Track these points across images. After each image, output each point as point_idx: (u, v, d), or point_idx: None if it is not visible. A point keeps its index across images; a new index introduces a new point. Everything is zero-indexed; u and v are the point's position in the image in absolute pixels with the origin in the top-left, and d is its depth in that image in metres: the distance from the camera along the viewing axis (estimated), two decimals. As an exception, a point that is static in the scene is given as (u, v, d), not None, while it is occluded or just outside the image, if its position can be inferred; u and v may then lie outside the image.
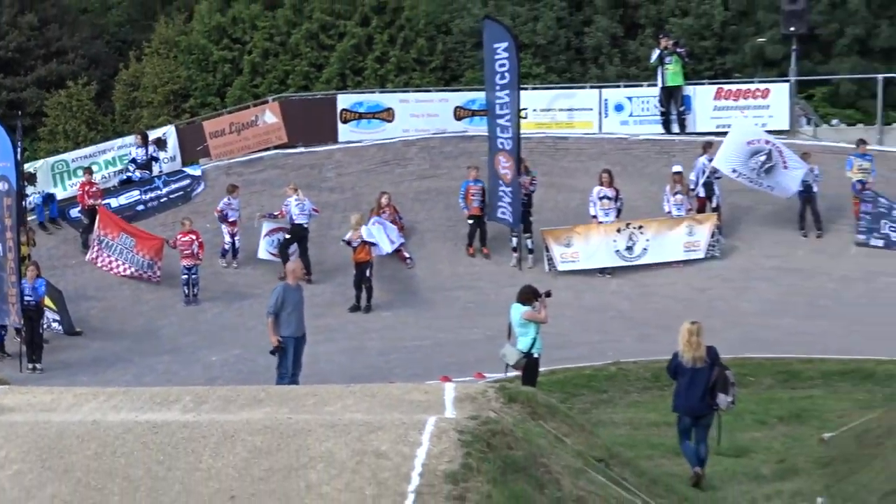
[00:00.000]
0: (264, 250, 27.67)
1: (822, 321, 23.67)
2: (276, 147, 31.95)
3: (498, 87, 27.84)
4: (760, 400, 19.02)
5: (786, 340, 22.13)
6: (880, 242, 26.51)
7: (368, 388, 13.68)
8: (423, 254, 28.37)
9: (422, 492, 10.14)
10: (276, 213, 27.32)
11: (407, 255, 27.45)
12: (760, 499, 14.81)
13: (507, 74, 27.66)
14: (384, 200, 27.33)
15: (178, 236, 26.02)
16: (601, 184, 26.85)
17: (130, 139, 31.81)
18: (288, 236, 26.85)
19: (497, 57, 27.62)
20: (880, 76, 32.17)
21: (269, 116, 32.09)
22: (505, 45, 27.57)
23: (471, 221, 27.62)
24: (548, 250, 26.97)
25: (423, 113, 32.16)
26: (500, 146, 27.47)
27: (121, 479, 9.71)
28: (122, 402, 11.79)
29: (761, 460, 16.75)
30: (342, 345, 23.45)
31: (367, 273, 25.15)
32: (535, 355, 16.57)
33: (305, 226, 26.68)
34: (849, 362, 20.95)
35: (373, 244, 25.52)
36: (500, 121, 27.61)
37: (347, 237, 25.28)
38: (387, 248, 26.09)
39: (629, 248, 26.55)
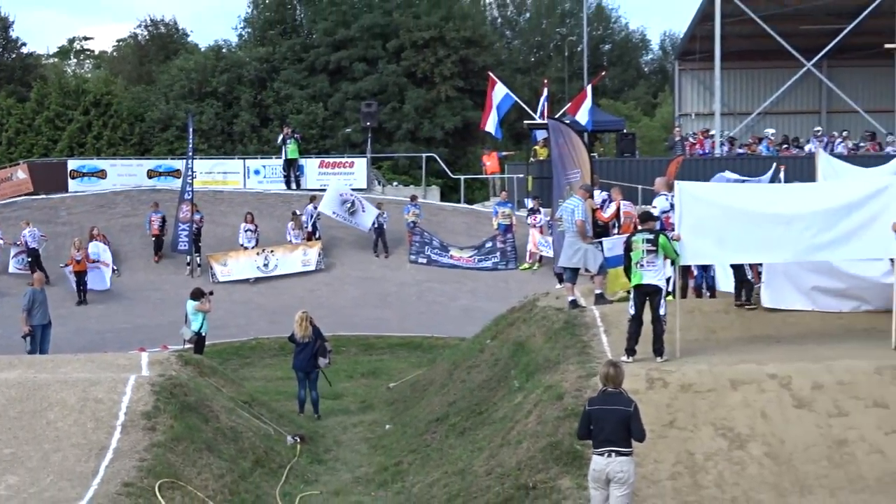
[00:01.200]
0: (13, 267, 35.20)
1: (388, 311, 31.14)
2: (25, 195, 41.23)
3: (188, 157, 36.47)
4: (349, 362, 25.01)
5: (365, 324, 28.83)
6: (424, 261, 34.73)
7: (90, 356, 18.55)
8: (126, 266, 36.04)
9: (126, 425, 14.38)
10: (17, 241, 34.56)
11: (115, 267, 34.68)
12: (349, 426, 19.81)
13: (188, 148, 37.22)
14: (95, 231, 34.94)
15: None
16: (245, 221, 35.43)
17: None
18: (29, 258, 33.64)
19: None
20: (424, 155, 43.07)
21: (20, 174, 42.40)
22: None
23: (154, 239, 36.16)
24: (211, 267, 34.18)
25: (126, 173, 42.37)
26: (186, 196, 34.84)
27: None
28: None
29: (350, 401, 22.03)
30: (71, 327, 28.44)
31: (85, 278, 32.45)
32: (203, 334, 21.22)
33: (37, 248, 33.83)
34: (405, 338, 27.68)
35: (97, 259, 33.16)
36: (187, 179, 35.55)
37: (75, 255, 32.32)
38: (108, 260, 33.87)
39: (265, 265, 34.12)
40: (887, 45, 39.46)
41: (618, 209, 20.55)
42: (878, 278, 17.08)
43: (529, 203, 33.74)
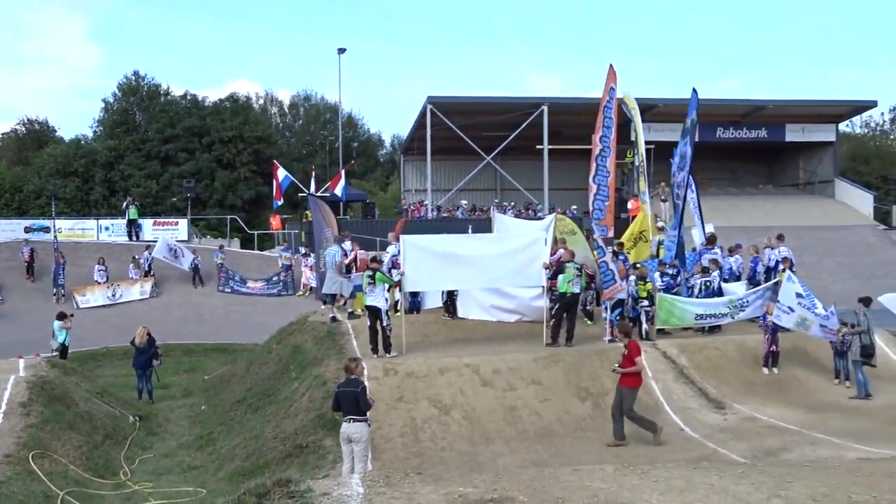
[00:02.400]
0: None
1: (203, 326, 30.81)
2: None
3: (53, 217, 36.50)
4: (175, 362, 25.03)
5: (186, 336, 28.88)
6: (229, 290, 34.81)
7: (-19, 362, 18.36)
8: (8, 296, 33.70)
9: (7, 412, 14.77)
10: None
11: (1, 297, 33.53)
12: (175, 407, 20.09)
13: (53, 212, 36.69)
14: None
15: None
16: (98, 264, 34.42)
17: None
18: None
19: None
20: (228, 217, 44.56)
21: None
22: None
23: (26, 264, 34.82)
24: (73, 296, 32.95)
25: (8, 230, 39.01)
26: (55, 246, 34.07)
27: None
28: None
29: (175, 390, 22.17)
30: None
31: None
32: (66, 345, 21.46)
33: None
34: (216, 344, 28.07)
35: None
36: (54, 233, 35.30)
37: None
38: None
39: (113, 295, 33.68)
40: (537, 146, 44.15)
41: (356, 255, 21.55)
42: (533, 299, 19.04)
43: (303, 250, 35.18)
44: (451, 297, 19.98)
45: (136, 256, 35.67)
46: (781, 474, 6.88)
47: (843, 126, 54.09)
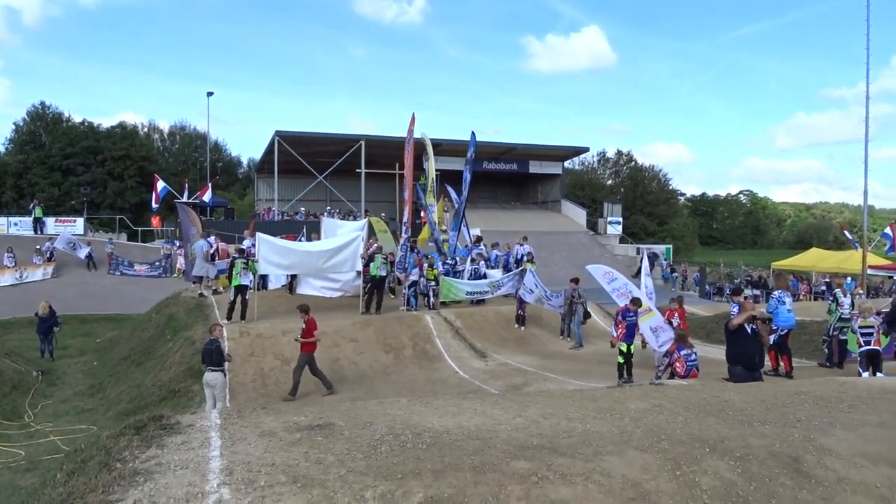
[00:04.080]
0: None
1: (96, 301, 27.98)
2: None
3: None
4: (73, 329, 22.93)
5: (83, 308, 26.39)
6: (119, 273, 32.22)
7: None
8: None
9: None
10: None
11: None
12: (72, 364, 18.68)
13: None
14: None
15: None
16: (7, 252, 30.88)
17: None
18: None
19: None
20: (117, 216, 40.89)
21: None
22: None
23: None
24: None
25: None
26: None
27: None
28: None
29: (72, 350, 20.60)
30: None
31: None
32: None
33: None
34: (107, 314, 25.96)
35: None
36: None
37: None
38: None
39: (21, 277, 30.37)
40: (357, 170, 43.71)
41: (217, 247, 20.35)
42: (352, 280, 18.95)
43: (178, 243, 33.12)
44: (291, 279, 19.56)
45: (40, 246, 32.54)
46: (522, 401, 7.16)
47: (567, 163, 56.90)
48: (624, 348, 13.33)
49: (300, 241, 21.29)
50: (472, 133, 21.79)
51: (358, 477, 4.67)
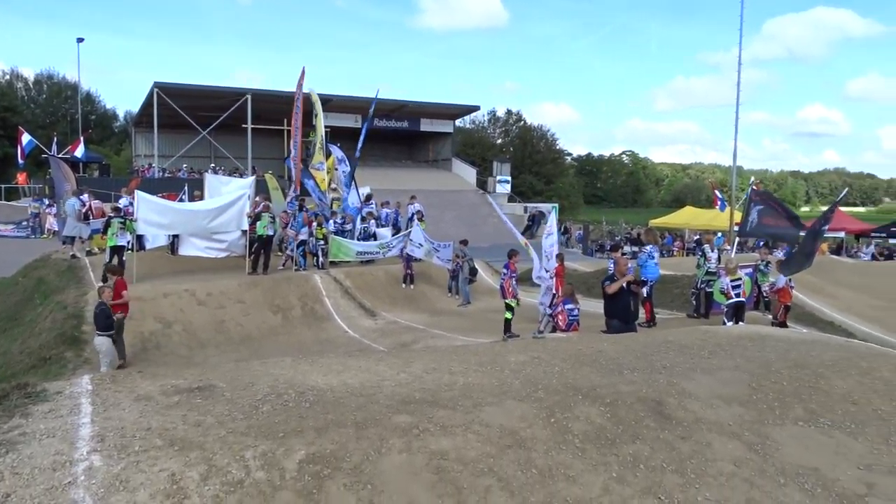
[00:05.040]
0: None
1: None
2: None
3: None
4: None
5: None
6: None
7: None
8: None
9: None
10: None
11: None
12: None
13: None
14: None
15: None
16: None
17: None
18: None
19: None
20: None
21: None
22: None
23: None
24: None
25: None
26: None
27: None
28: None
29: None
30: None
31: None
32: None
33: None
34: None
35: None
36: None
37: None
38: None
39: None
40: (243, 125, 41.99)
41: (90, 206, 19.27)
42: (238, 240, 18.45)
43: (47, 201, 31.71)
44: (173, 240, 18.77)
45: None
46: (407, 356, 7.27)
47: (458, 122, 57.20)
48: (513, 304, 13.73)
49: (182, 199, 20.43)
50: (377, 91, 21.47)
51: (238, 437, 4.63)
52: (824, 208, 33.56)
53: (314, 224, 18.96)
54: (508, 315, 13.73)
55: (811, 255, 14.51)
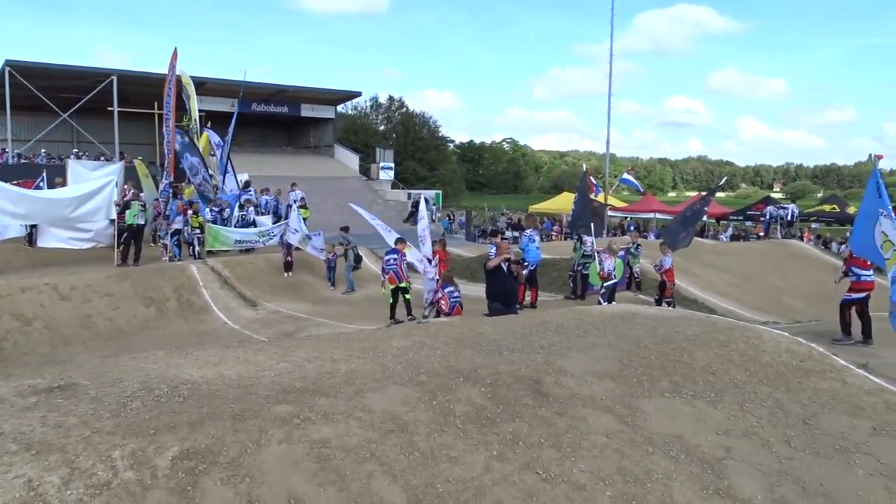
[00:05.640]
0: None
1: None
2: None
3: None
4: None
5: None
6: None
7: None
8: None
9: None
10: None
11: None
12: None
13: None
14: None
15: None
16: None
17: None
18: None
19: None
20: None
21: None
22: None
23: None
24: None
25: None
26: None
27: None
28: None
29: None
30: None
31: None
32: None
33: None
34: None
35: None
36: None
37: None
38: None
39: None
40: (109, 108, 39.50)
41: None
42: (105, 229, 17.52)
43: None
44: (31, 230, 17.48)
45: None
46: (288, 346, 7.13)
47: (340, 108, 56.42)
48: (392, 288, 13.76)
49: (40, 186, 19.03)
50: (245, 73, 20.80)
51: (104, 437, 4.38)
52: (690, 194, 35.69)
53: (189, 212, 18.20)
54: (392, 300, 13.79)
55: (691, 236, 15.71)
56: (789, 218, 30.51)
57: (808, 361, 7.14)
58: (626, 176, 33.22)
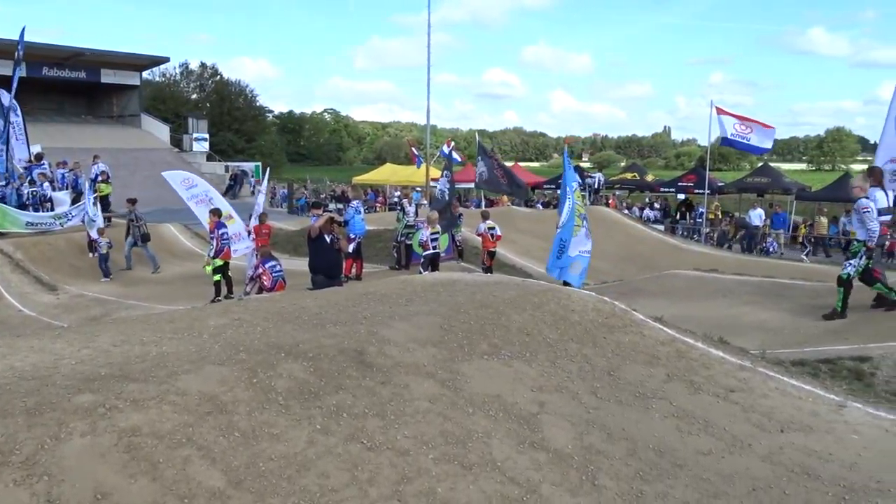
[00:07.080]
0: None
1: None
2: None
3: None
4: None
5: None
6: None
7: None
8: None
9: None
10: None
11: None
12: None
13: None
14: None
15: None
16: None
17: None
18: None
19: None
20: None
21: None
22: None
23: None
24: None
25: None
26: None
27: None
28: None
29: None
30: None
31: None
32: None
33: None
34: None
35: None
36: None
37: None
38: None
39: None
40: None
41: None
42: None
43: None
44: None
45: None
46: (91, 331, 6.60)
47: (146, 74, 52.65)
48: (219, 264, 13.20)
49: None
50: (23, 29, 18.76)
51: None
52: (509, 164, 37.11)
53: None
54: (217, 277, 13.25)
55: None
56: (596, 186, 32.81)
57: (612, 318, 7.75)
58: (445, 149, 33.83)
